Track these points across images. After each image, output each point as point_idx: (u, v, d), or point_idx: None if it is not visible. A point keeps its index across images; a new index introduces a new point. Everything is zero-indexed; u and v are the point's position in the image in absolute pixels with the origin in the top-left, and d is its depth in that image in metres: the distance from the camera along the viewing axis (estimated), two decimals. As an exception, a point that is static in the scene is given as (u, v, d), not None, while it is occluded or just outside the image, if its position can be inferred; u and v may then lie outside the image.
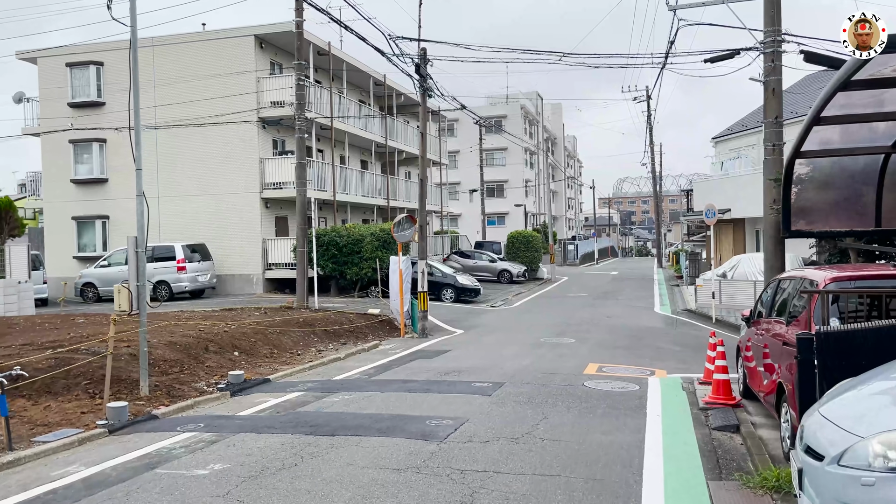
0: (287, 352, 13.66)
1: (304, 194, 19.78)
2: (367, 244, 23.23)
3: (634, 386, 9.79)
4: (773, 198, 12.23)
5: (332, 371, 11.62)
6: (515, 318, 19.95)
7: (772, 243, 12.33)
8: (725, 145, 28.82)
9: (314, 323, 16.07)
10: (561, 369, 11.13)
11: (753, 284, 19.84)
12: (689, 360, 13.02)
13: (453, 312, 21.08)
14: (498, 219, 63.24)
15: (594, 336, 15.70)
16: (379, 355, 13.46)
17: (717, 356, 8.75)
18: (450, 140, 65.20)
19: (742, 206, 24.98)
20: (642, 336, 15.99)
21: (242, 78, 23.86)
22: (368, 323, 17.45)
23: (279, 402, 9.02)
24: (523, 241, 35.41)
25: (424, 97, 16.26)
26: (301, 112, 19.57)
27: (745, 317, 8.68)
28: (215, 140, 24.48)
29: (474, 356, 12.77)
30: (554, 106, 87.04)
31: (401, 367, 11.62)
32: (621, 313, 20.88)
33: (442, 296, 24.03)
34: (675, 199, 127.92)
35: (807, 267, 8.75)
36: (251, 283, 24.55)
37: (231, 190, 24.41)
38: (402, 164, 37.63)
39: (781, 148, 12.31)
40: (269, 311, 17.73)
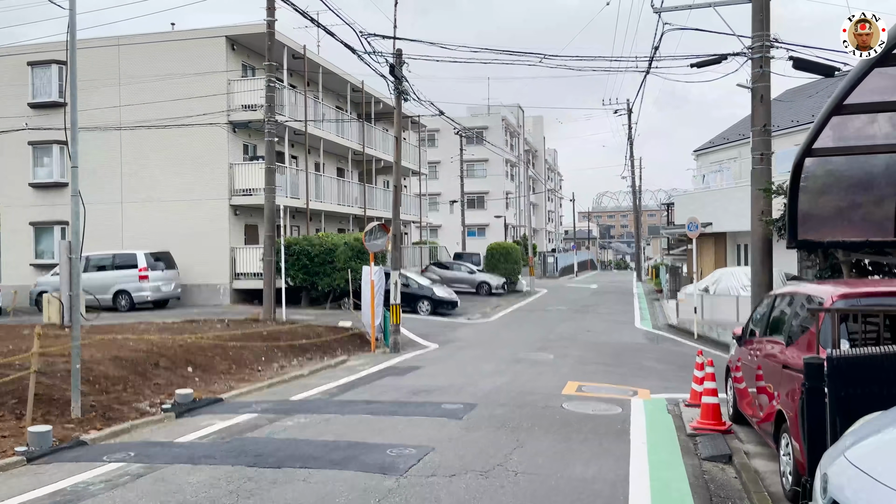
0: (247, 368, 12.78)
1: (273, 201, 18.93)
2: (341, 254, 22.40)
3: (617, 408, 9.07)
4: (762, 209, 11.68)
5: (292, 389, 10.77)
6: (493, 333, 19.21)
7: (760, 257, 11.75)
8: (707, 158, 28.46)
9: (279, 337, 15.20)
10: (539, 389, 10.39)
11: (736, 300, 19.31)
12: (673, 378, 12.36)
13: (429, 326, 20.29)
14: (478, 230, 62.61)
15: (574, 352, 14.99)
16: (345, 372, 12.63)
17: (706, 377, 8.06)
18: (431, 150, 64.58)
19: (724, 219, 24.54)
20: (624, 352, 15.32)
21: (212, 80, 23.00)
22: (338, 337, 16.61)
23: (227, 425, 8.17)
24: (503, 252, 34.75)
25: (399, 100, 15.54)
26: (271, 115, 18.76)
27: (736, 335, 8.01)
28: (183, 144, 23.54)
29: (448, 373, 11.99)
30: (535, 118, 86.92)
31: (367, 386, 10.81)
32: (602, 328, 20.23)
33: (418, 308, 23.23)
34: (654, 214, 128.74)
35: (805, 281, 8.13)
36: (218, 293, 23.57)
37: (199, 196, 23.45)
38: (381, 173, 36.88)
39: (770, 157, 11.76)
40: (233, 323, 16.81)
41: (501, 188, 64.37)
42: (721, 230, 25.21)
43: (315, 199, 27.16)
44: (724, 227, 24.96)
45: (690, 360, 15.46)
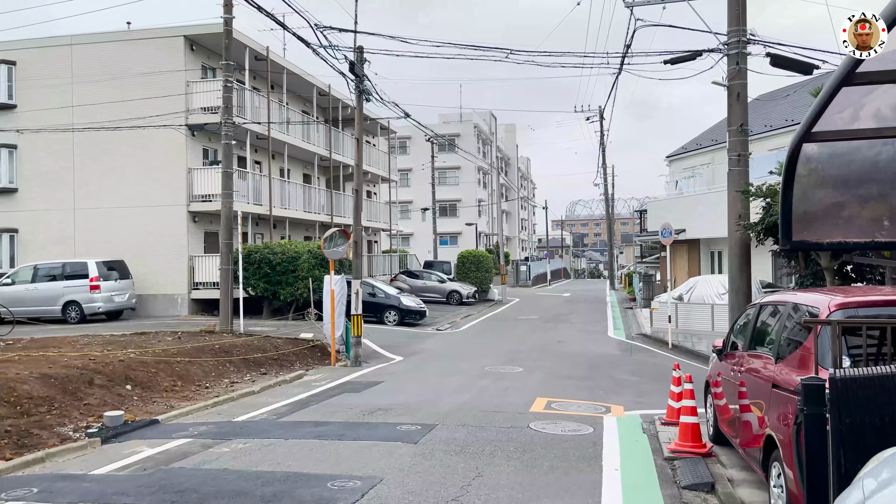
0: (193, 384, 11.85)
1: (230, 206, 18.00)
2: (304, 262, 21.50)
3: (588, 428, 8.36)
4: (739, 212, 11.12)
5: (238, 409, 9.90)
6: (461, 344, 18.46)
7: (737, 263, 11.18)
8: (680, 164, 28.12)
9: (233, 350, 14.28)
10: (505, 406, 9.65)
11: (711, 308, 18.84)
12: (648, 392, 11.72)
13: (395, 337, 19.48)
14: (451, 238, 61.93)
15: (544, 364, 14.30)
16: (300, 388, 11.77)
17: (684, 395, 7.39)
18: (402, 158, 63.83)
19: (697, 225, 24.14)
20: (596, 364, 14.67)
21: (170, 81, 22.02)
22: (297, 350, 15.72)
23: (154, 453, 7.29)
24: (474, 261, 34.07)
25: (360, 100, 14.76)
26: (228, 116, 17.87)
27: (717, 348, 7.36)
28: (140, 147, 22.50)
29: (408, 390, 11.20)
30: (508, 126, 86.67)
31: (320, 404, 9.97)
32: (574, 338, 19.59)
33: (385, 318, 22.41)
34: (627, 222, 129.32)
35: (787, 289, 7.51)
36: (175, 303, 22.50)
37: (156, 202, 22.41)
38: (349, 179, 35.97)
39: (747, 158, 11.21)
40: (186, 335, 15.85)
41: (474, 196, 63.85)
42: (695, 237, 24.81)
43: (280, 205, 26.24)
44: (697, 234, 24.56)
45: (666, 371, 14.86)
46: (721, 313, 18.34)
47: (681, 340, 19.33)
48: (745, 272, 11.12)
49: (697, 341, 18.95)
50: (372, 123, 37.22)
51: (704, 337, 18.84)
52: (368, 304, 22.56)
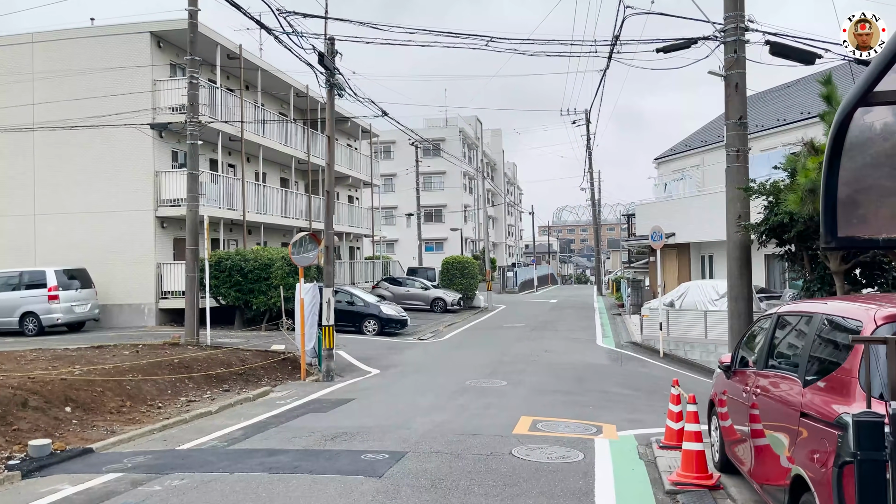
0: (145, 405, 10.80)
1: (196, 210, 16.95)
2: (277, 269, 20.45)
3: (577, 454, 7.40)
4: (739, 212, 10.25)
5: (187, 434, 8.86)
6: (443, 355, 17.48)
7: (737, 267, 10.30)
8: (668, 166, 27.36)
9: (194, 365, 13.21)
10: (485, 427, 8.68)
11: (704, 314, 18.00)
12: (642, 407, 10.80)
13: (373, 347, 18.47)
14: (436, 244, 60.99)
15: (530, 377, 13.35)
16: (262, 408, 10.74)
17: (688, 418, 6.46)
18: (386, 163, 62.87)
19: (688, 229, 23.36)
20: (585, 376, 13.74)
21: (136, 80, 20.96)
22: (266, 363, 14.69)
23: (74, 492, 6.26)
24: (459, 267, 33.12)
25: (331, 95, 13.78)
26: (194, 114, 16.84)
27: (724, 364, 6.43)
28: (104, 150, 21.40)
29: (380, 409, 10.21)
30: (494, 131, 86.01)
31: (280, 427, 8.95)
32: (561, 347, 18.67)
33: (364, 328, 21.39)
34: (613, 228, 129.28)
35: (826, 298, 6.55)
36: (143, 314, 21.35)
37: (122, 207, 21.28)
38: (329, 185, 34.95)
39: (747, 154, 10.35)
40: (147, 348, 14.77)
41: (459, 201, 62.97)
42: (685, 241, 24.02)
43: (255, 210, 25.20)
44: (687, 238, 23.78)
45: (659, 383, 13.99)
46: (715, 320, 17.49)
47: (673, 349, 18.47)
48: (745, 277, 10.25)
49: (690, 350, 18.11)
50: (353, 126, 36.26)
51: (697, 345, 18.00)
52: (346, 313, 21.57)
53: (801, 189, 7.93)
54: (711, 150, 24.37)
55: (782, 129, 20.03)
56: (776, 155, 18.32)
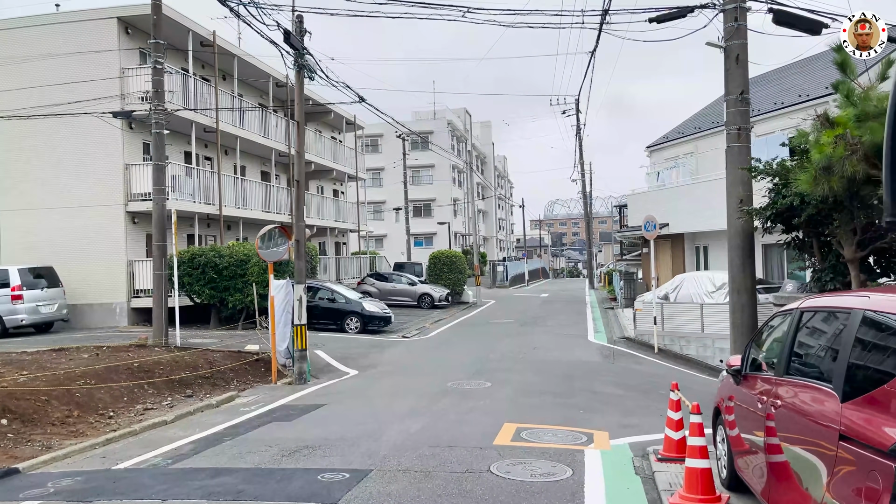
0: (95, 414, 9.87)
1: (163, 204, 16.00)
2: (254, 266, 19.49)
3: (565, 470, 6.54)
4: (741, 196, 9.41)
5: (132, 448, 7.94)
6: (426, 353, 16.60)
7: (739, 256, 9.46)
8: (661, 154, 26.53)
9: (156, 369, 12.28)
10: (463, 438, 7.80)
11: (700, 307, 17.19)
12: (637, 409, 9.94)
13: (354, 346, 17.57)
14: (425, 239, 60.09)
15: (516, 377, 12.48)
16: (223, 416, 9.83)
17: (692, 430, 5.59)
18: (374, 156, 61.86)
19: (681, 219, 22.55)
20: (575, 375, 12.88)
21: (103, 68, 19.92)
22: (237, 365, 13.78)
23: (-26, 528, 5.34)
24: (446, 261, 32.22)
25: (300, 77, 12.82)
26: (159, 102, 15.86)
27: (733, 367, 5.56)
28: (71, 141, 20.39)
29: (351, 416, 9.32)
30: (483, 124, 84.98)
31: (236, 440, 8.04)
32: (551, 344, 17.81)
33: (346, 326, 20.48)
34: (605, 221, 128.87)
35: (870, 291, 5.66)
36: (114, 313, 20.37)
37: (90, 201, 20.28)
38: (313, 177, 34.00)
39: (749, 133, 9.49)
40: (110, 350, 13.84)
41: (449, 195, 62.03)
42: (678, 231, 23.20)
43: (234, 205, 24.25)
44: (682, 228, 22.96)
45: (654, 382, 13.15)
46: (712, 313, 16.69)
47: (668, 344, 17.66)
48: (748, 267, 9.41)
49: (686, 344, 17.30)
50: (337, 118, 35.26)
51: (694, 340, 17.19)
52: (327, 311, 20.68)
53: (815, 167, 7.08)
54: (706, 136, 23.56)
55: (780, 112, 19.21)
56: (774, 139, 17.49)
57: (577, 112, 41.22)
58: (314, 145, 32.49)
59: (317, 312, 20.57)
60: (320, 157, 32.57)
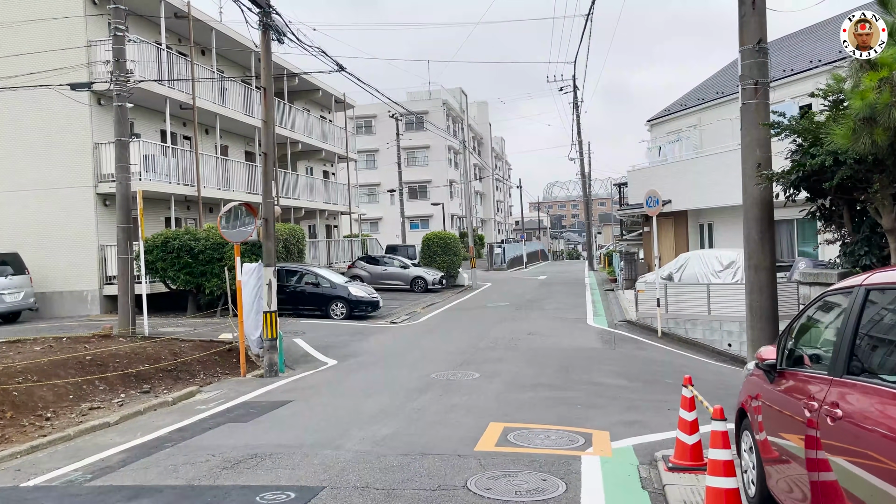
0: (32, 415, 8.77)
1: (127, 184, 14.87)
2: (232, 249, 18.33)
3: (558, 484, 5.44)
4: (758, 161, 8.22)
5: (55, 459, 6.84)
6: (413, 340, 15.50)
7: (757, 229, 8.30)
8: (662, 128, 25.28)
9: (111, 362, 11.18)
10: (441, 442, 6.70)
11: (707, 288, 16.07)
12: (641, 403, 8.85)
13: (337, 334, 16.47)
14: (421, 222, 58.94)
15: (508, 367, 11.38)
16: (175, 416, 8.73)
17: (714, 441, 4.46)
18: (368, 137, 60.52)
19: (685, 195, 21.37)
20: (573, 364, 11.77)
21: (69, 38, 18.66)
22: (207, 355, 12.69)
23: None
24: (440, 243, 31.06)
25: (266, 39, 11.57)
26: (120, 72, 14.65)
27: (766, 361, 4.42)
28: (36, 119, 19.19)
29: (316, 416, 8.22)
30: (480, 104, 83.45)
31: (176, 448, 6.94)
32: (547, 328, 16.71)
33: (331, 311, 19.36)
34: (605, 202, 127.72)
35: None
36: (85, 301, 19.25)
37: (57, 183, 19.11)
38: (302, 158, 32.78)
39: (767, 88, 8.29)
40: (69, 341, 12.74)
41: (445, 177, 60.76)
42: (682, 208, 22.02)
43: (216, 186, 23.09)
44: (685, 205, 21.79)
45: (659, 369, 12.07)
46: (720, 294, 15.58)
47: (672, 327, 16.56)
48: (767, 241, 8.25)
49: (692, 328, 16.21)
50: (325, 96, 33.96)
51: (700, 322, 16.09)
52: (311, 296, 19.56)
53: (853, 118, 5.91)
54: (710, 107, 22.31)
55: (791, 79, 17.97)
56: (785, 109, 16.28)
57: (574, 88, 39.90)
58: (302, 124, 31.24)
59: (300, 298, 19.48)
60: (308, 137, 31.33)
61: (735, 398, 9.93)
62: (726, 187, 19.97)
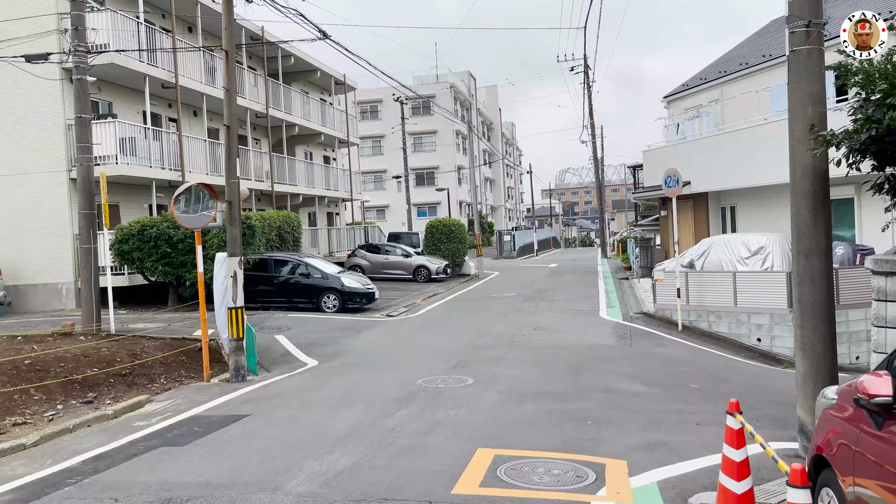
0: (-63, 434, 7.40)
1: (89, 165, 13.52)
2: (214, 238, 16.99)
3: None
4: (811, 121, 6.65)
5: (-72, 500, 5.44)
6: (406, 337, 14.06)
7: (808, 207, 6.72)
8: (680, 104, 23.55)
9: (55, 367, 9.80)
10: (409, 480, 5.24)
11: (733, 277, 14.50)
12: (665, 418, 7.35)
13: (326, 329, 15.06)
14: (429, 209, 57.40)
15: (508, 369, 9.90)
16: (105, 435, 7.33)
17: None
18: (373, 123, 58.97)
19: (705, 176, 19.71)
20: (583, 366, 10.27)
21: (36, 8, 17.26)
22: (172, 355, 11.32)
23: None
24: (445, 231, 29.53)
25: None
26: (79, 41, 13.21)
27: (874, 399, 2.90)
28: (4, 99, 17.83)
29: (267, 438, 6.78)
30: (489, 89, 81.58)
31: (79, 486, 5.53)
32: (556, 323, 15.21)
33: (322, 304, 17.95)
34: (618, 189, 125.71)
35: None
36: (59, 295, 17.96)
37: (27, 168, 17.79)
38: (300, 142, 31.36)
39: (821, 30, 6.70)
40: (22, 340, 11.40)
41: (453, 162, 59.15)
42: (702, 190, 20.36)
43: (204, 171, 21.69)
44: (705, 186, 20.12)
45: (682, 370, 10.53)
46: (748, 284, 14.01)
47: (693, 320, 15.01)
48: (821, 221, 6.68)
49: (716, 321, 14.64)
50: (324, 77, 32.42)
51: (725, 315, 14.52)
52: (301, 288, 18.12)
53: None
54: (733, 80, 20.56)
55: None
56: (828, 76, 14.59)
57: (586, 66, 38.05)
58: (300, 107, 29.78)
59: (289, 290, 18.07)
60: (307, 121, 29.88)
61: (774, 404, 8.43)
62: (752, 166, 18.32)
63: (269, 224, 21.99)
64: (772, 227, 17.81)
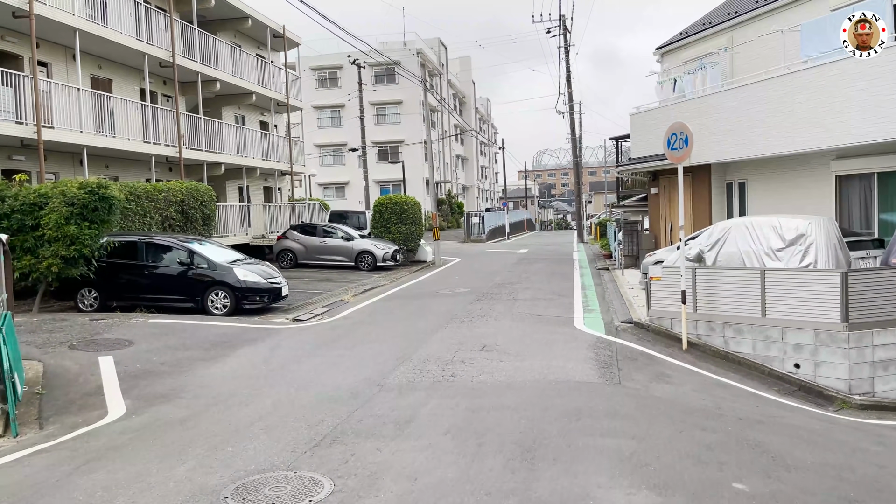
0: None
1: None
2: (52, 213, 12.45)
3: None
4: None
5: None
6: (292, 362, 9.69)
7: None
8: (678, 56, 19.22)
9: None
10: None
11: (760, 276, 10.38)
12: None
13: (190, 344, 10.67)
14: (393, 187, 52.78)
15: (406, 456, 5.62)
16: None
17: None
18: (332, 91, 54.11)
19: (709, 144, 15.52)
20: (542, 438, 6.02)
21: None
22: None
23: None
24: (396, 210, 25.08)
25: None
26: None
27: None
28: None
29: None
30: (462, 60, 76.71)
31: None
32: (512, 337, 10.97)
33: (208, 304, 13.50)
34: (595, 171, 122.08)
35: None
36: None
37: None
38: (228, 103, 26.64)
39: None
40: None
41: (420, 136, 54.50)
42: (703, 161, 16.17)
43: (94, 130, 17.14)
44: (708, 156, 15.94)
45: (709, 443, 5.82)
46: (783, 286, 9.91)
47: (703, 334, 10.86)
48: None
49: (735, 336, 10.50)
50: (258, 27, 27.52)
51: (747, 329, 10.37)
52: (181, 281, 13.55)
53: None
54: (747, 22, 16.30)
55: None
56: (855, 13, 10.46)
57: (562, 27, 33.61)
58: (228, 62, 25.07)
59: (164, 284, 13.59)
60: (239, 78, 25.25)
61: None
62: (771, 129, 14.18)
63: (167, 197, 17.47)
64: (794, 210, 13.74)
